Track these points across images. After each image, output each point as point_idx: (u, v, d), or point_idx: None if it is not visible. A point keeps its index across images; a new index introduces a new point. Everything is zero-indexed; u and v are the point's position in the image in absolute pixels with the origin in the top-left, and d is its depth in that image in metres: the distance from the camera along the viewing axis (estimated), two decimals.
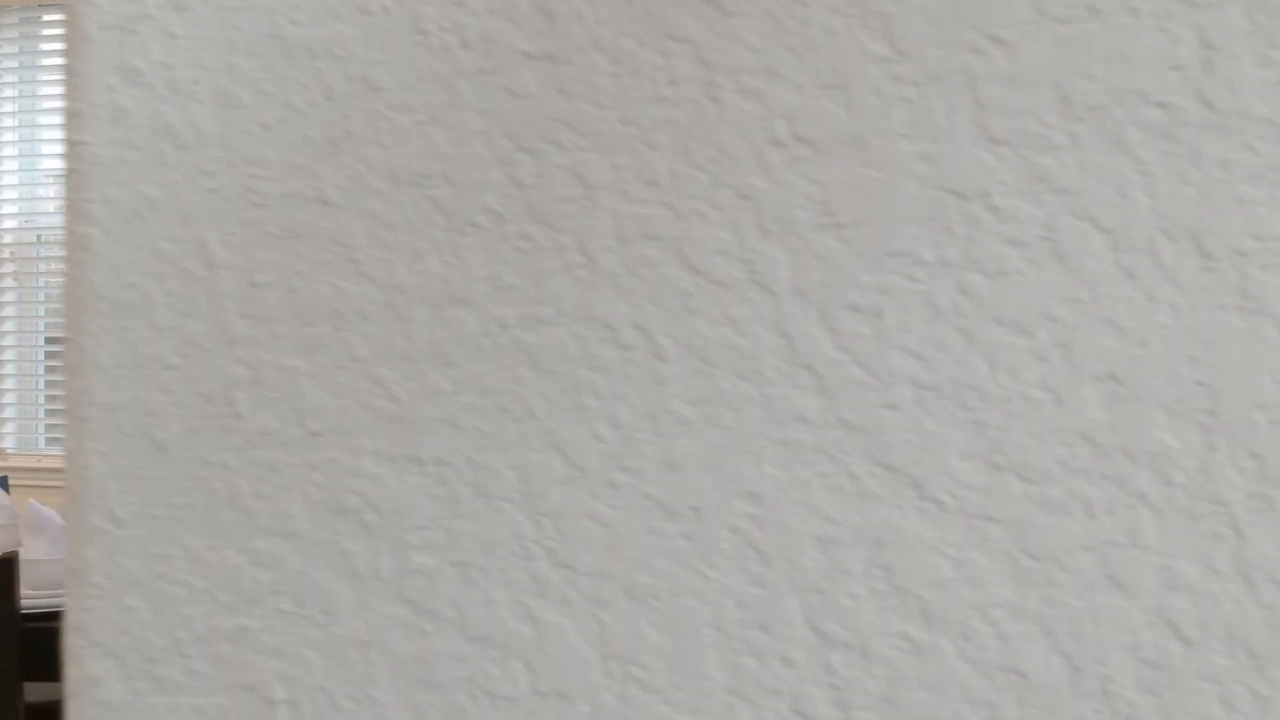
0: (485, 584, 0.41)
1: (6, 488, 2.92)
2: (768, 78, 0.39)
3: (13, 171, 3.85)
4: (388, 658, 0.42)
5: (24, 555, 2.12)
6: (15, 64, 3.85)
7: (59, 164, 3.88)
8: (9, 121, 3.84)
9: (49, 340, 3.87)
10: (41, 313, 3.87)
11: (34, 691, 2.26)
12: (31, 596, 2.12)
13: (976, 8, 0.37)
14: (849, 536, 0.38)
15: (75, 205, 0.45)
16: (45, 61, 3.86)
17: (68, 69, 0.45)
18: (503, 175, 0.41)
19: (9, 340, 3.86)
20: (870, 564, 0.38)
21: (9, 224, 3.85)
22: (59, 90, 3.84)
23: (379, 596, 0.42)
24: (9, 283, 3.85)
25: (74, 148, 0.45)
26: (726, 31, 0.39)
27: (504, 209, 0.41)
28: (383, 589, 0.42)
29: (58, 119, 3.86)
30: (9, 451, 3.86)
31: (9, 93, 3.85)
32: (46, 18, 3.86)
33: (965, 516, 0.38)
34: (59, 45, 3.86)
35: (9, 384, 3.87)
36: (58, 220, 3.87)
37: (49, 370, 3.88)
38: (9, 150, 3.85)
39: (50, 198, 3.90)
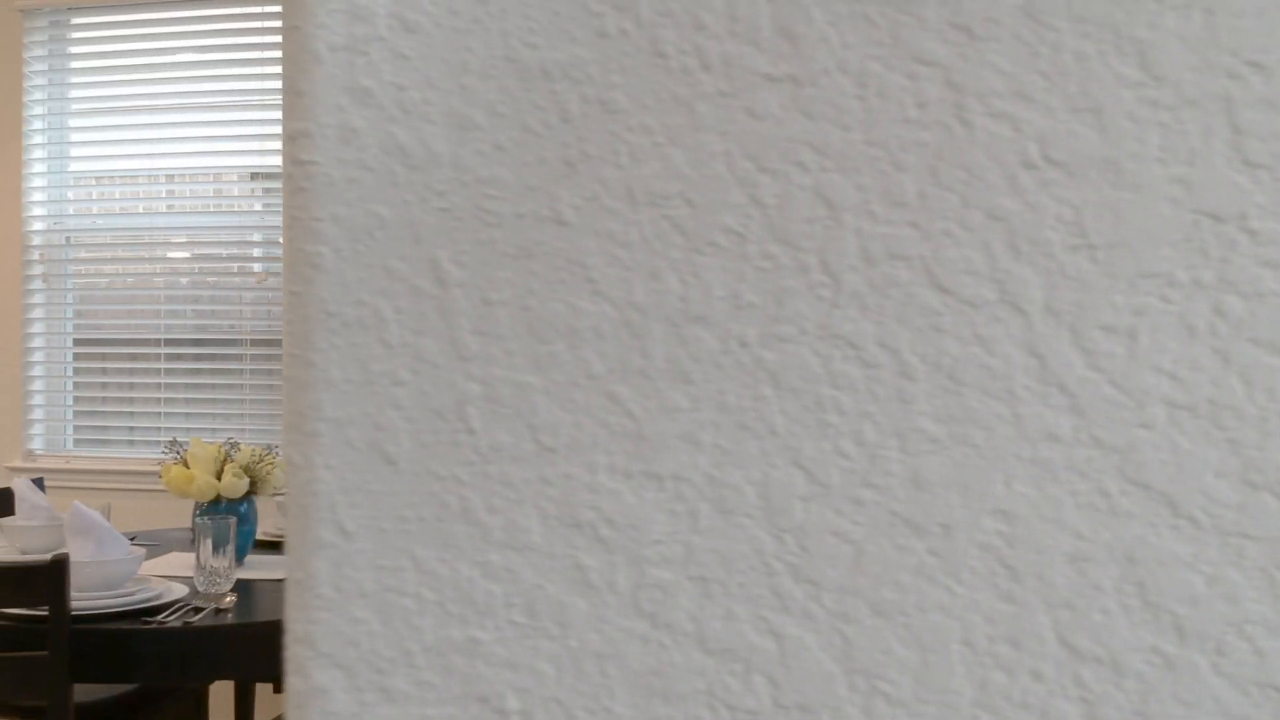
0: (725, 598, 0.42)
1: (43, 488, 2.93)
2: (1018, 101, 0.40)
3: (42, 174, 3.86)
4: (624, 670, 0.43)
5: (70, 557, 2.13)
6: (45, 66, 3.86)
7: (88, 166, 3.89)
8: (38, 124, 3.85)
9: (77, 342, 3.87)
10: (69, 314, 3.87)
11: (80, 693, 2.27)
12: (78, 598, 2.12)
13: (1234, 33, 0.38)
14: (1101, 553, 0.39)
15: (304, 224, 0.45)
16: (74, 64, 3.87)
17: (294, 89, 0.46)
18: (744, 195, 0.42)
19: (38, 341, 3.86)
20: (1122, 580, 0.39)
21: (38, 225, 3.85)
22: (88, 93, 3.85)
23: (615, 610, 0.43)
24: (38, 284, 3.85)
25: (302, 167, 0.45)
26: (976, 55, 0.40)
27: (745, 229, 0.42)
28: (619, 602, 0.43)
29: (87, 121, 3.87)
30: (38, 453, 3.87)
31: (39, 95, 3.85)
32: (76, 20, 3.86)
33: (1220, 534, 0.38)
34: (88, 48, 3.87)
35: (37, 385, 3.87)
36: (86, 223, 3.88)
37: (77, 371, 3.88)
38: (38, 153, 3.86)
39: (79, 200, 3.90)
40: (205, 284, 3.81)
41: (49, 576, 2.00)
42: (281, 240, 3.67)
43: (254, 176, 3.89)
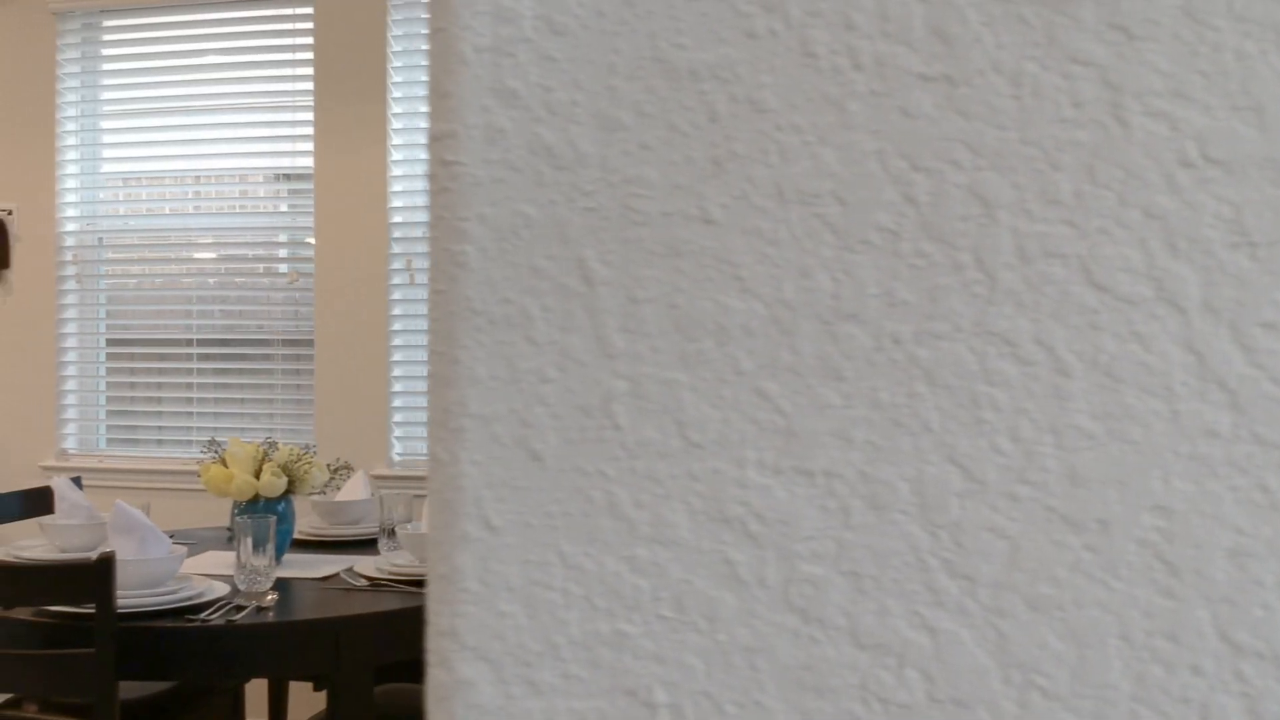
0: (878, 594, 0.42)
1: (80, 488, 2.94)
2: (1177, 100, 0.40)
3: (74, 175, 3.89)
4: (774, 664, 0.43)
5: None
6: (78, 69, 3.88)
7: (119, 168, 3.91)
8: (71, 126, 3.88)
9: (109, 342, 3.90)
10: (102, 314, 3.90)
11: (123, 689, 2.29)
12: (121, 596, 2.13)
13: None
14: (1262, 548, 0.39)
15: (449, 223, 0.46)
16: (106, 66, 3.89)
17: (439, 91, 0.46)
18: (897, 194, 0.42)
19: (71, 342, 3.89)
20: None
21: (71, 227, 3.88)
22: (119, 95, 3.87)
23: (765, 604, 0.43)
24: (71, 285, 3.88)
25: (447, 168, 0.46)
26: (1133, 55, 0.40)
27: (898, 227, 0.42)
28: (769, 597, 0.43)
29: (118, 123, 3.90)
30: (71, 452, 3.89)
31: (71, 97, 3.88)
32: (107, 23, 3.89)
33: None
34: (120, 50, 3.89)
35: (70, 385, 3.90)
36: (118, 224, 3.90)
37: (110, 371, 3.91)
38: (71, 155, 3.88)
39: (110, 201, 3.93)
40: (235, 284, 3.83)
41: (96, 574, 2.02)
42: (313, 240, 3.69)
43: (279, 178, 3.91)
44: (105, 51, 3.91)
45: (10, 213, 3.89)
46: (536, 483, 0.45)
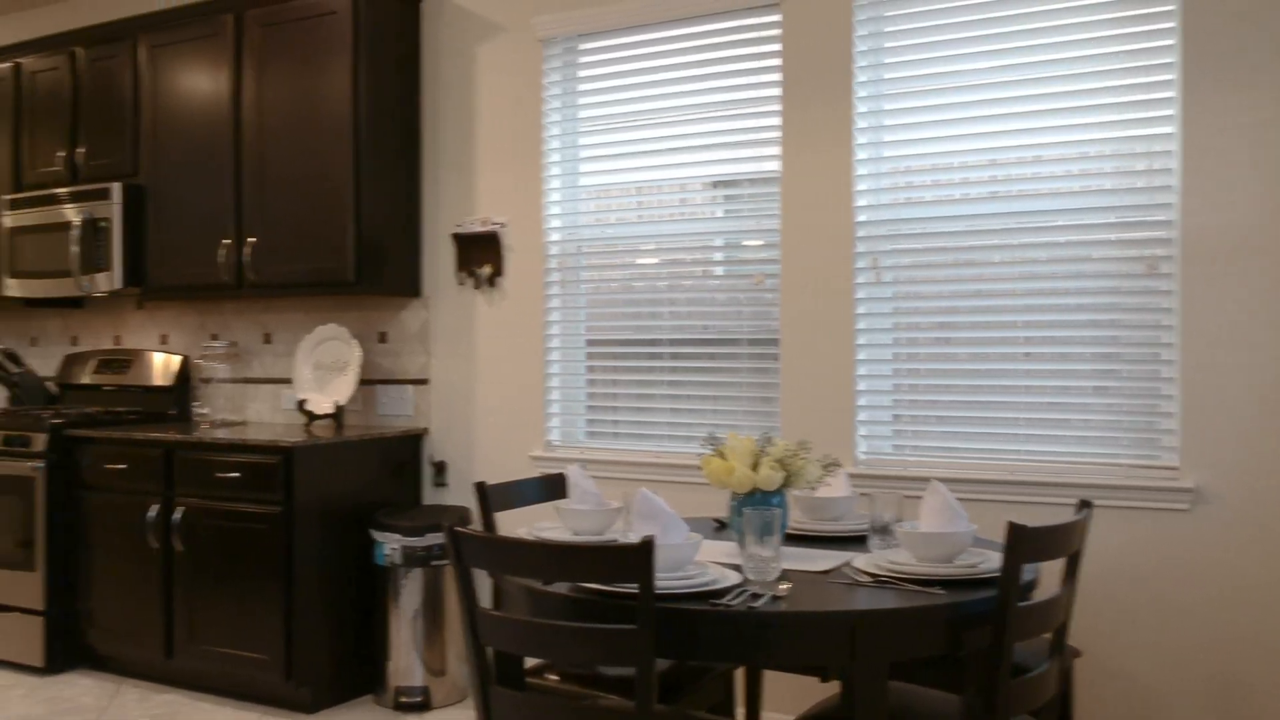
0: None
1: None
2: None
3: (557, 189, 4.22)
4: None
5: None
6: (559, 90, 4.22)
7: (594, 180, 4.20)
8: (555, 144, 4.22)
9: (589, 342, 4.20)
10: (582, 316, 4.21)
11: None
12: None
13: None
14: None
15: None
16: (583, 87, 4.19)
17: None
18: None
19: (555, 342, 4.23)
20: None
21: (554, 237, 4.22)
22: (592, 113, 4.16)
23: None
24: (555, 290, 4.22)
25: None
26: None
27: None
28: None
29: (592, 139, 4.19)
30: (555, 443, 4.23)
31: (555, 117, 4.22)
32: (583, 46, 4.19)
33: None
34: (594, 71, 4.18)
35: (555, 383, 4.24)
36: (596, 233, 4.19)
37: (589, 370, 4.21)
38: (554, 170, 4.22)
39: (586, 211, 4.23)
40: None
41: (639, 556, 2.15)
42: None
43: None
44: (581, 73, 4.21)
45: (504, 225, 4.30)
46: None
